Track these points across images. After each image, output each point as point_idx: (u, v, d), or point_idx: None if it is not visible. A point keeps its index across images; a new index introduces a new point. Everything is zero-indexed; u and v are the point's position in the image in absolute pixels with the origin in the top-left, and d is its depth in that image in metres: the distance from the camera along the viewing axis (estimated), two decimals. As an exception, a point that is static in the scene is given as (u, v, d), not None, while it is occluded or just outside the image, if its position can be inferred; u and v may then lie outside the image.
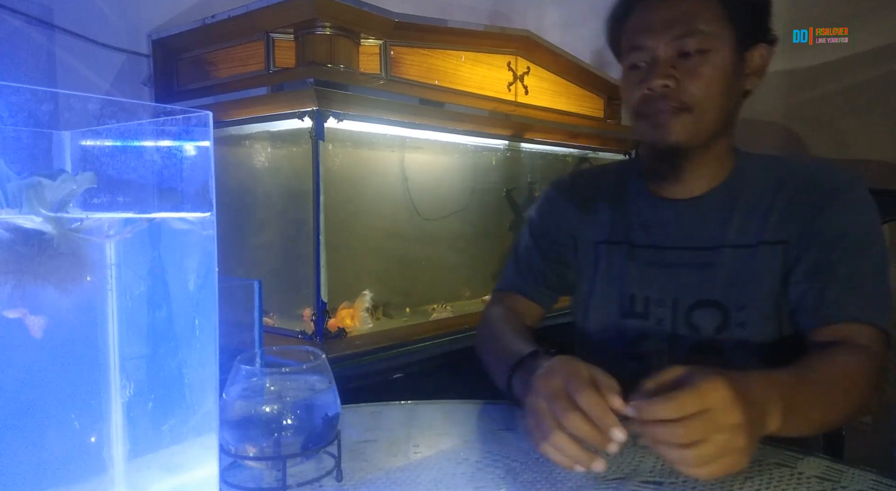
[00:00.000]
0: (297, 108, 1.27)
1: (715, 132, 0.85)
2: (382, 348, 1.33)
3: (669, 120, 0.83)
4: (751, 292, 0.85)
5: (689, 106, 0.82)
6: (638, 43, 0.85)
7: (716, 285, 0.86)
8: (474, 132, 1.66)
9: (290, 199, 1.47)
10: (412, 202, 1.62)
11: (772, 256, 0.84)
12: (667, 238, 0.91)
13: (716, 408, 0.53)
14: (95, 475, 0.46)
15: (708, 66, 0.81)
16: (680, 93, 0.82)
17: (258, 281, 0.87)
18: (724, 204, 0.88)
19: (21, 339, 0.41)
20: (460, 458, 0.66)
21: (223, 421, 0.57)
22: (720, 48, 0.82)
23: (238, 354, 0.61)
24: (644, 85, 0.83)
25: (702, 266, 0.88)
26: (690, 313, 0.88)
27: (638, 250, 0.93)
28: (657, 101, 0.83)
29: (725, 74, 0.82)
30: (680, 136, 0.83)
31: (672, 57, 0.82)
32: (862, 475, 0.61)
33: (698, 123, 0.83)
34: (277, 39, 1.35)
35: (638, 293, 0.92)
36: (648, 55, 0.84)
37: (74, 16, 1.47)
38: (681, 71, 0.82)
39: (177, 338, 0.50)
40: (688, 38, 0.81)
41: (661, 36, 0.82)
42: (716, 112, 0.83)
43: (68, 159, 0.50)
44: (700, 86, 0.81)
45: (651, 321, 0.90)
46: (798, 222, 0.83)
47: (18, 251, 0.40)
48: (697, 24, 0.81)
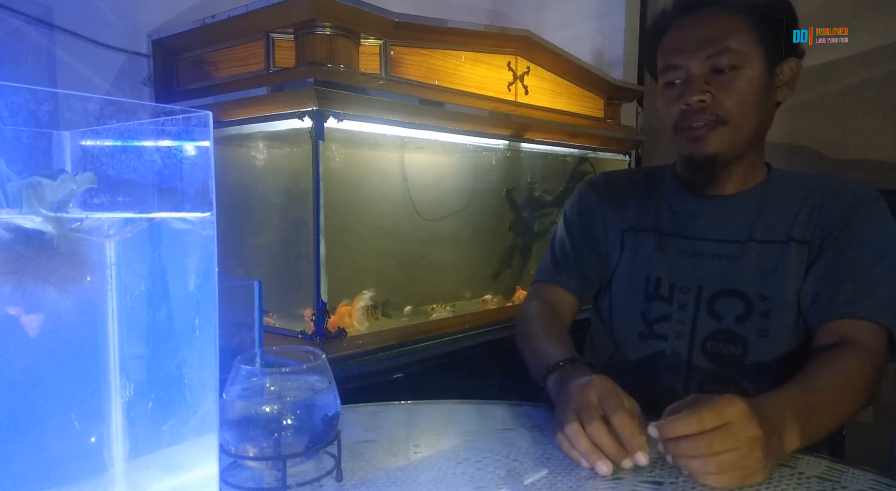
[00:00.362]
0: (297, 108, 1.27)
1: (748, 142, 0.90)
2: (382, 348, 1.33)
3: (707, 133, 0.88)
4: (775, 284, 0.89)
5: (724, 119, 0.87)
6: (673, 62, 0.90)
7: (741, 276, 0.91)
8: (474, 132, 1.66)
9: (290, 199, 1.46)
10: (412, 202, 1.62)
11: (798, 253, 0.89)
12: (695, 229, 0.97)
13: (734, 422, 0.58)
14: (95, 475, 0.46)
15: (741, 81, 0.87)
16: (715, 107, 0.87)
17: (258, 281, 0.87)
18: (754, 204, 0.94)
19: (21, 339, 0.41)
20: (460, 458, 0.66)
21: (223, 421, 0.57)
22: (751, 64, 0.87)
23: (238, 354, 0.61)
24: (681, 101, 0.89)
25: (729, 258, 0.93)
26: (713, 301, 0.92)
27: (666, 239, 0.99)
28: (694, 115, 0.88)
29: (757, 88, 0.88)
30: (717, 147, 0.88)
31: (706, 74, 0.88)
32: (862, 475, 0.61)
33: (734, 135, 0.88)
34: (277, 39, 1.35)
35: (664, 278, 0.97)
36: (684, 73, 0.90)
37: (74, 16, 1.46)
38: (715, 87, 0.87)
39: (177, 338, 0.50)
40: (721, 56, 0.87)
41: (696, 55, 0.88)
42: (750, 124, 0.89)
43: (68, 159, 0.50)
44: (734, 100, 0.87)
45: (674, 306, 0.95)
46: (822, 226, 0.89)
47: (18, 251, 0.40)
48: (729, 42, 0.86)
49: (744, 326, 0.91)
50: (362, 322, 1.40)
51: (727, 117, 0.88)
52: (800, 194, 0.93)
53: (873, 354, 0.79)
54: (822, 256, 0.88)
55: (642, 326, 0.98)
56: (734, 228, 0.94)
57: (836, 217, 0.89)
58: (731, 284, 0.92)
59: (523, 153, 1.93)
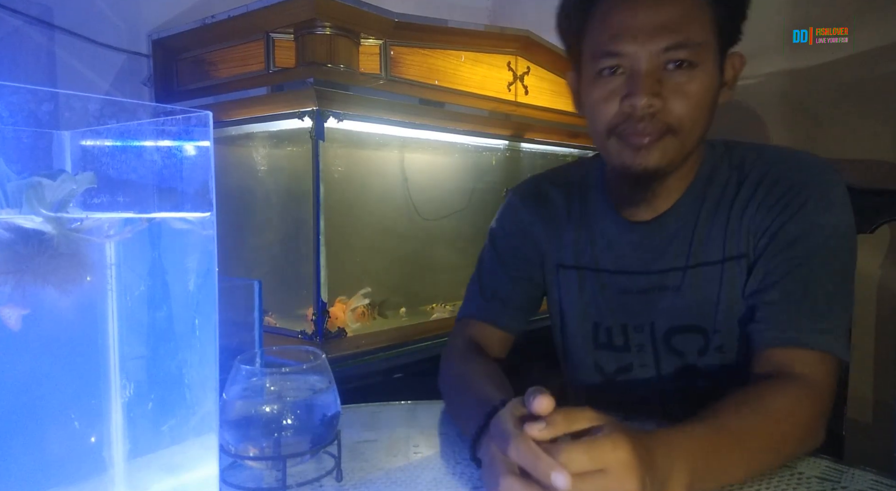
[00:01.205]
0: (297, 108, 1.27)
1: (692, 151, 0.77)
2: (382, 348, 1.33)
3: (652, 143, 0.72)
4: (721, 314, 0.78)
5: (674, 128, 0.72)
6: (615, 48, 0.72)
7: (690, 308, 0.80)
8: (474, 132, 1.66)
9: (291, 198, 1.47)
10: (412, 202, 1.62)
11: (735, 273, 0.78)
12: (634, 262, 0.84)
13: (612, 470, 0.48)
14: (95, 475, 0.46)
15: (696, 84, 0.71)
16: (665, 114, 0.71)
17: (258, 281, 0.87)
18: (689, 218, 0.81)
19: (21, 339, 0.41)
20: (460, 458, 0.66)
21: (223, 421, 0.57)
22: (707, 60, 0.72)
23: (238, 354, 0.61)
24: (625, 102, 0.72)
25: (673, 289, 0.81)
26: (670, 338, 0.82)
27: (607, 277, 0.86)
28: (640, 121, 0.71)
29: (711, 91, 0.73)
30: (661, 160, 0.73)
31: (658, 69, 0.71)
32: (862, 475, 0.61)
33: (681, 146, 0.74)
34: (277, 39, 1.35)
35: (615, 323, 0.86)
36: (628, 64, 0.72)
37: (74, 16, 1.47)
38: (668, 87, 0.71)
39: (177, 338, 0.50)
40: (680, 49, 0.70)
41: (648, 43, 0.70)
42: (699, 132, 0.74)
43: (68, 159, 0.50)
44: (688, 106, 0.71)
45: (633, 351, 0.85)
46: (756, 231, 0.76)
47: (18, 251, 0.40)
48: (690, 32, 0.70)
49: (705, 360, 0.80)
50: (354, 323, 1.40)
51: (678, 126, 0.72)
52: (731, 191, 0.79)
53: (813, 389, 0.66)
54: (757, 267, 0.75)
55: (597, 376, 0.88)
56: (670, 256, 0.81)
57: (771, 213, 0.75)
58: (682, 319, 0.81)
59: (523, 153, 1.93)
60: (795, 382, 0.66)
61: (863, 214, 1.00)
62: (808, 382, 0.66)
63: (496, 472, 0.51)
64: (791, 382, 0.66)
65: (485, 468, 0.55)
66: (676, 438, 0.55)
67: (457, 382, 0.79)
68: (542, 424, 0.50)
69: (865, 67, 1.55)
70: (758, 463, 0.60)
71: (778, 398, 0.63)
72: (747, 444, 0.59)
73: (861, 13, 1.54)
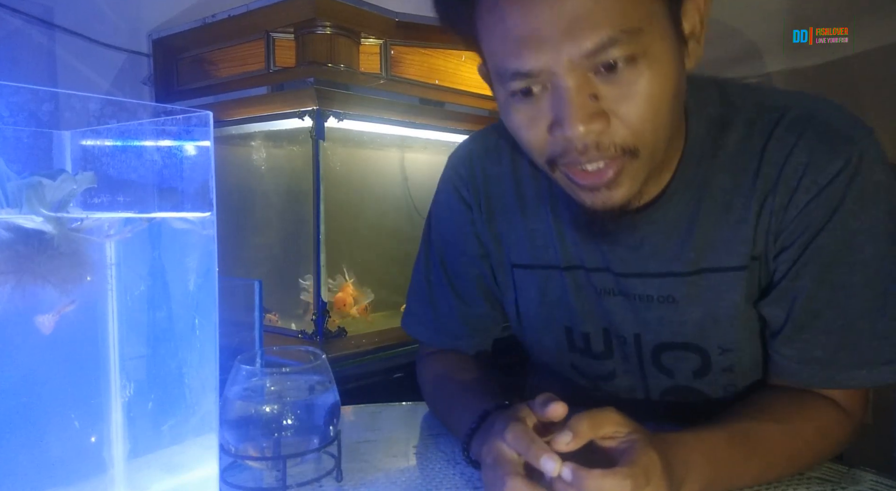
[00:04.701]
0: (297, 108, 1.27)
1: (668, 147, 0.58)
2: (382, 348, 1.33)
3: (610, 179, 0.55)
4: (731, 332, 0.64)
5: (633, 149, 0.53)
6: (521, 67, 0.51)
7: (683, 323, 0.65)
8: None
9: (291, 198, 1.47)
10: (412, 202, 1.62)
11: (748, 281, 0.62)
12: (613, 260, 0.67)
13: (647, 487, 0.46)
14: (95, 475, 0.46)
15: (648, 80, 0.51)
16: (614, 135, 0.52)
17: (258, 281, 0.87)
18: (685, 207, 0.63)
19: (21, 339, 0.41)
20: (460, 457, 0.66)
21: (223, 421, 0.57)
22: (654, 39, 0.51)
23: (238, 354, 0.61)
24: (556, 132, 0.53)
25: (663, 300, 0.65)
26: (658, 355, 0.69)
27: (580, 275, 0.70)
28: (582, 154, 0.53)
29: (673, 75, 0.53)
30: (630, 192, 0.56)
31: (587, 80, 0.51)
32: (862, 475, 0.61)
33: (647, 164, 0.56)
34: (277, 39, 1.35)
35: (593, 329, 0.71)
36: (545, 80, 0.52)
37: (74, 16, 1.47)
38: (608, 100, 0.51)
39: (177, 338, 0.50)
40: (610, 48, 0.49)
41: (563, 51, 0.49)
42: (667, 135, 0.56)
43: (68, 159, 0.50)
44: (642, 114, 0.52)
45: (616, 358, 0.72)
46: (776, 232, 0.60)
47: (18, 251, 0.40)
48: (617, 17, 0.49)
49: (703, 382, 0.68)
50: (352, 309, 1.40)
51: (637, 145, 0.53)
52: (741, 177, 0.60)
53: (846, 414, 0.61)
54: (781, 284, 0.60)
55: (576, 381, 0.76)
56: (665, 257, 0.64)
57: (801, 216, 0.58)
58: (674, 335, 0.66)
59: (523, 153, 1.93)
60: (825, 402, 0.61)
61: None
62: (840, 405, 0.61)
63: (501, 473, 0.49)
64: (820, 400, 0.61)
65: (487, 470, 0.52)
66: (695, 445, 0.53)
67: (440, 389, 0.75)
68: (569, 435, 0.47)
69: (865, 67, 1.55)
70: (771, 473, 0.58)
71: (806, 416, 0.59)
72: (765, 454, 0.56)
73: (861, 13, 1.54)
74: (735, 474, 0.55)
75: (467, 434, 0.60)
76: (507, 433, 0.50)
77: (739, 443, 0.55)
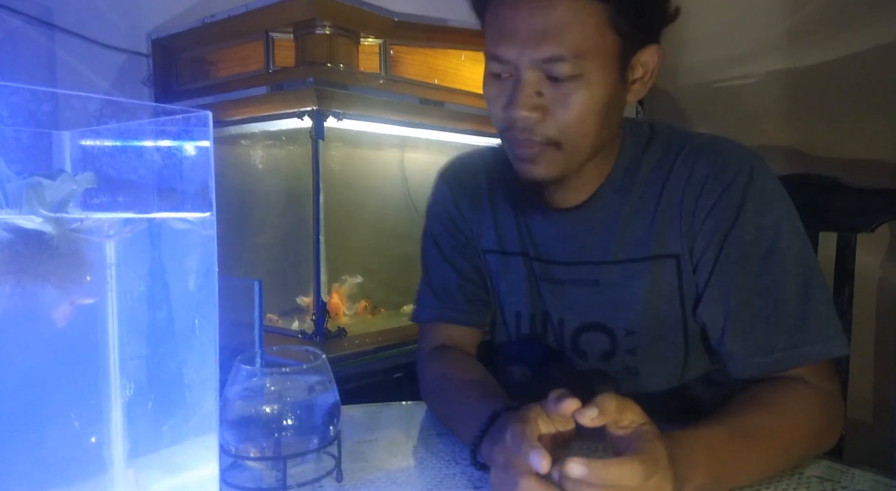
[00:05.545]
0: (296, 108, 1.27)
1: (589, 158, 0.72)
2: (382, 348, 1.33)
3: (534, 155, 0.69)
4: (638, 315, 0.75)
5: (556, 141, 0.68)
6: (497, 53, 0.67)
7: (603, 305, 0.77)
8: (474, 132, 1.66)
9: (290, 198, 1.47)
10: (412, 202, 1.62)
11: (660, 274, 0.74)
12: (554, 250, 0.80)
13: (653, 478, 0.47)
14: (95, 475, 0.46)
15: (581, 95, 0.66)
16: (546, 127, 0.67)
17: (258, 281, 0.87)
18: (609, 212, 0.76)
19: (21, 339, 0.41)
20: (460, 458, 0.66)
21: (223, 421, 0.57)
22: (599, 69, 0.66)
23: (238, 354, 0.61)
24: (506, 111, 0.68)
25: (589, 283, 0.78)
26: (577, 337, 0.79)
27: (533, 263, 0.83)
28: (520, 133, 0.68)
29: (604, 100, 0.67)
30: (547, 171, 0.70)
31: (539, 79, 0.66)
32: (862, 475, 0.61)
33: (568, 158, 0.70)
34: (277, 39, 1.35)
35: (536, 312, 0.83)
36: (511, 70, 0.68)
37: (74, 16, 1.46)
38: (550, 98, 0.67)
39: (177, 338, 0.50)
40: (557, 63, 0.64)
41: (526, 52, 0.65)
42: (589, 143, 0.70)
43: (68, 159, 0.50)
44: (571, 119, 0.67)
45: (549, 342, 0.82)
46: (695, 234, 0.71)
47: (18, 251, 0.40)
48: (568, 44, 0.64)
49: (610, 365, 0.77)
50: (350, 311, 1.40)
51: (560, 140, 0.68)
52: (657, 188, 0.74)
53: (820, 391, 0.65)
54: (711, 281, 0.70)
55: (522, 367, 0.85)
56: (589, 247, 0.77)
57: (712, 218, 0.70)
58: (592, 316, 0.77)
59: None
60: (803, 385, 0.65)
61: (863, 214, 1.00)
62: (812, 385, 0.65)
63: (513, 473, 0.50)
64: (798, 384, 0.65)
65: (498, 470, 0.53)
66: (698, 441, 0.55)
67: (442, 389, 0.77)
68: (595, 411, 0.49)
69: (865, 67, 1.55)
70: (771, 465, 0.60)
71: (791, 399, 0.63)
72: (762, 446, 0.58)
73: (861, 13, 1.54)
74: (736, 469, 0.57)
75: (477, 436, 0.61)
76: (506, 434, 0.51)
77: (739, 436, 0.58)
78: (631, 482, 0.46)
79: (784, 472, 0.61)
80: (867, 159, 1.55)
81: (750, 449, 0.57)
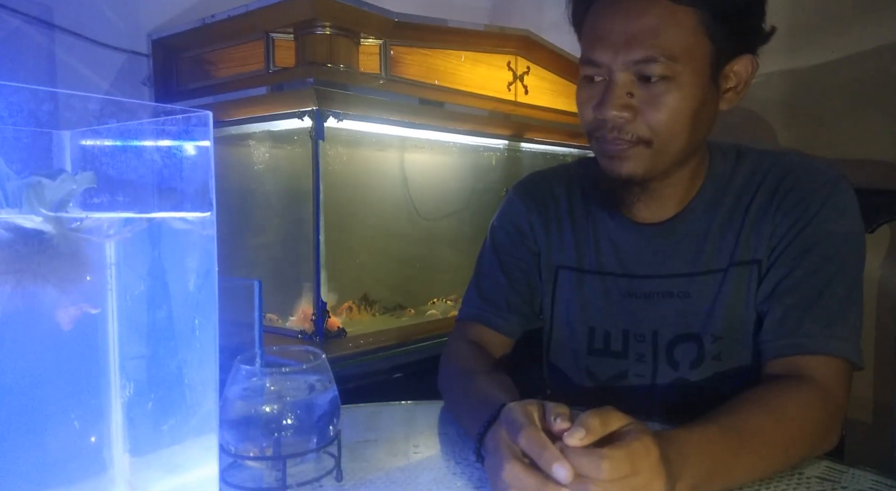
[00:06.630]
0: (296, 108, 1.27)
1: (677, 162, 0.76)
2: (382, 348, 1.33)
3: (623, 153, 0.72)
4: (723, 321, 0.78)
5: (646, 140, 0.71)
6: (593, 57, 0.72)
7: (694, 316, 0.79)
8: (474, 132, 1.66)
9: (290, 198, 1.47)
10: (412, 202, 1.62)
11: (743, 279, 0.77)
12: (640, 265, 0.83)
13: (642, 473, 0.48)
14: (95, 475, 0.46)
15: (673, 96, 0.69)
16: (636, 126, 0.71)
17: (258, 281, 0.87)
18: (699, 225, 0.80)
19: (21, 339, 0.41)
20: (459, 458, 0.66)
21: (223, 421, 0.57)
22: (691, 73, 0.69)
23: (238, 354, 0.61)
24: (597, 111, 0.72)
25: (680, 296, 0.80)
26: (672, 348, 0.81)
27: (610, 281, 0.85)
28: (610, 131, 0.72)
29: (695, 103, 0.70)
30: (635, 169, 0.73)
31: (630, 81, 0.70)
32: (862, 475, 0.61)
33: (656, 158, 0.73)
34: (277, 39, 1.35)
35: (614, 329, 0.84)
36: (605, 73, 0.71)
37: (74, 16, 1.46)
38: (640, 98, 0.70)
39: (177, 338, 0.50)
40: (650, 64, 0.68)
41: (618, 55, 0.69)
42: (680, 144, 0.72)
43: (68, 159, 0.50)
44: (661, 118, 0.70)
45: (630, 359, 0.83)
46: (772, 236, 0.76)
47: (18, 251, 0.40)
48: (662, 47, 0.67)
49: (698, 373, 0.79)
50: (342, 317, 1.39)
51: (651, 138, 0.71)
52: (747, 197, 0.78)
53: (825, 392, 0.66)
54: (770, 273, 0.75)
55: (587, 380, 0.86)
56: (679, 260, 0.80)
57: (787, 221, 0.75)
58: (685, 327, 0.80)
59: (523, 153, 1.93)
60: (808, 384, 0.66)
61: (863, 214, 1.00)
62: (820, 384, 0.66)
63: (501, 456, 0.51)
64: (803, 383, 0.66)
65: (489, 456, 0.55)
66: (690, 439, 0.55)
67: (459, 383, 0.78)
68: (582, 432, 0.49)
69: (865, 67, 1.55)
70: (768, 465, 0.60)
71: (789, 399, 0.63)
72: (758, 445, 0.59)
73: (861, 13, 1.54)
74: (730, 467, 0.57)
75: (483, 429, 0.61)
76: (520, 437, 0.51)
77: (732, 435, 0.58)
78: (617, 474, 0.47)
79: (782, 471, 0.61)
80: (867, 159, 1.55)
81: (743, 447, 0.58)
